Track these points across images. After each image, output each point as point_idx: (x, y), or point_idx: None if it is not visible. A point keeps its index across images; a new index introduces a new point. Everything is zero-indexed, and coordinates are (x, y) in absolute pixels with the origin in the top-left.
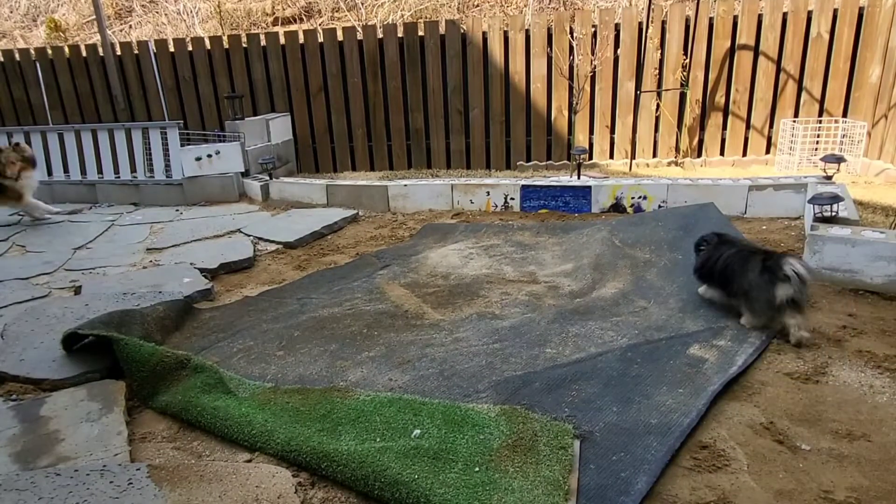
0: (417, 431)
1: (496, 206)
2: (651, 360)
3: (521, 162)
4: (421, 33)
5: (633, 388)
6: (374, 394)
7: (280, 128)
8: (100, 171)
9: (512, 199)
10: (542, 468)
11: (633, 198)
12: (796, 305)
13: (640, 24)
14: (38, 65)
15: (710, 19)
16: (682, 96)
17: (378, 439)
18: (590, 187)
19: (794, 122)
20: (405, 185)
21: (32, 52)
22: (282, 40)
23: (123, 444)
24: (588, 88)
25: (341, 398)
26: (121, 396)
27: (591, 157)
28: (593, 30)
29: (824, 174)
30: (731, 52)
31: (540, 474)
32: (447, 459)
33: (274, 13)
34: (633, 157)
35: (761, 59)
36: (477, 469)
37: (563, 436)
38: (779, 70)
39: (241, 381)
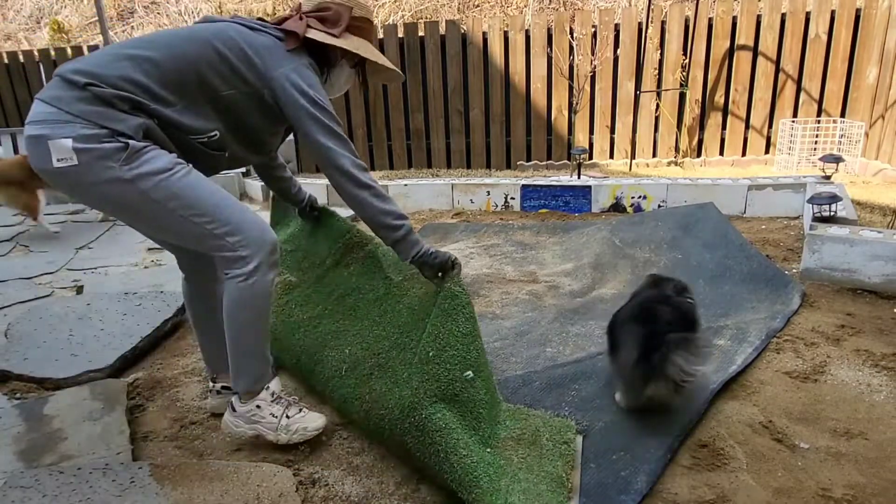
0: (470, 373)
1: (496, 206)
2: None
3: (522, 162)
4: (421, 33)
5: None
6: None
7: None
8: None
9: (512, 198)
10: (545, 462)
11: (632, 197)
12: None
13: (640, 24)
14: (41, 66)
15: (710, 20)
16: (682, 96)
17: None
18: (590, 187)
19: (793, 122)
20: (405, 185)
21: (36, 53)
22: None
23: (125, 442)
24: (588, 88)
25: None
26: (123, 396)
27: (591, 157)
28: (593, 30)
29: (823, 174)
30: (731, 52)
31: (543, 469)
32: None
33: (275, 14)
34: (632, 156)
35: (760, 59)
36: (489, 450)
37: (566, 431)
38: (777, 70)
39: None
